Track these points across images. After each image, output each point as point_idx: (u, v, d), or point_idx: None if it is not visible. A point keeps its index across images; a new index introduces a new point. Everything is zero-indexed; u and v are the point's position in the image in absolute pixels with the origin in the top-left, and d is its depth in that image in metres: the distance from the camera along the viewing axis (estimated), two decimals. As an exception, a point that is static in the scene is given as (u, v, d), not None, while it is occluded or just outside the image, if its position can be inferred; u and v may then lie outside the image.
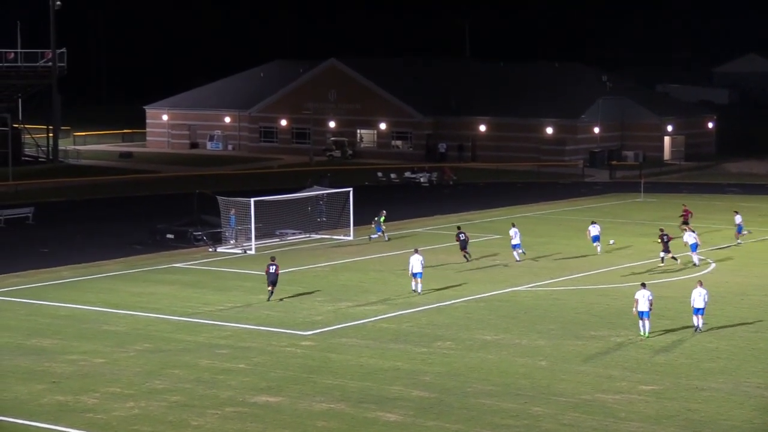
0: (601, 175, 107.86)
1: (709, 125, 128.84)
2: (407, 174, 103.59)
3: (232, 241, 64.93)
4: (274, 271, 50.12)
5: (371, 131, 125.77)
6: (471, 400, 35.21)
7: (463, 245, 59.47)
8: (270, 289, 50.26)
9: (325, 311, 47.91)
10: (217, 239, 65.23)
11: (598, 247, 62.49)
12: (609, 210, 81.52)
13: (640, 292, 43.41)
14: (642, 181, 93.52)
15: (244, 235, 64.66)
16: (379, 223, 66.48)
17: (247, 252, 62.96)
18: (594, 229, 62.69)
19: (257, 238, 63.88)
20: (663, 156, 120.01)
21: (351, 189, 69.90)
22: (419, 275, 51.40)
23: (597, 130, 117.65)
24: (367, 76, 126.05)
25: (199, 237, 65.65)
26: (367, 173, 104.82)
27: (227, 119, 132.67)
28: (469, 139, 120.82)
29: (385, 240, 65.91)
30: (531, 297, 51.22)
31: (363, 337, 43.19)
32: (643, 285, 44.02)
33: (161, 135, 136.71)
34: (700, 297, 43.84)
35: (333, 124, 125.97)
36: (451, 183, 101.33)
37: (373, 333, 43.94)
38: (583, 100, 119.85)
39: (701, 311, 44.03)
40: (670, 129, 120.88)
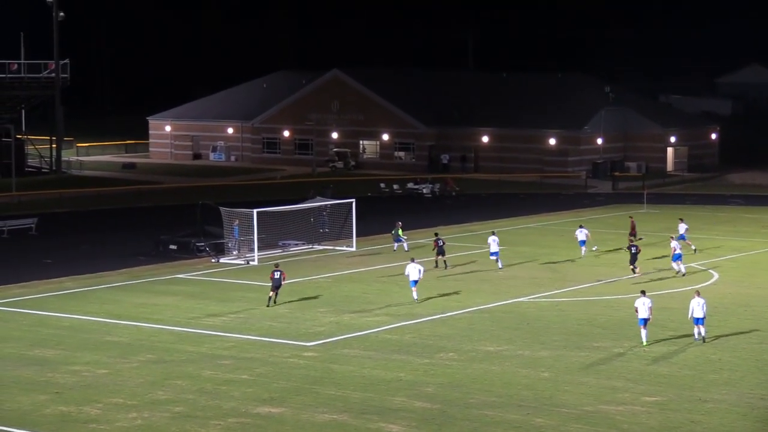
0: (604, 186, 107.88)
1: (712, 136, 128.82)
2: (410, 185, 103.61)
3: (235, 252, 64.95)
4: (279, 276, 50.80)
5: (374, 142, 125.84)
6: (473, 411, 35.18)
7: (440, 251, 60.29)
8: (271, 294, 50.82)
9: (328, 322, 47.90)
10: (220, 250, 65.26)
11: (582, 251, 64.47)
12: (612, 221, 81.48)
13: (640, 300, 43.71)
14: (645, 192, 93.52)
15: (247, 246, 64.68)
16: (397, 234, 66.44)
17: (250, 263, 62.98)
18: (581, 234, 64.73)
19: (260, 249, 63.89)
20: (666, 167, 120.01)
21: (354, 200, 69.94)
22: (414, 283, 52.11)
23: (600, 141, 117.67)
24: (369, 87, 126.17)
25: (202, 248, 65.68)
26: (370, 184, 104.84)
27: (230, 130, 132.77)
28: (472, 150, 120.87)
29: (405, 250, 65.59)
30: (534, 308, 51.20)
31: (366, 348, 43.17)
32: (643, 293, 44.29)
33: (164, 146, 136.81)
34: (699, 306, 43.88)
35: (336, 135, 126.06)
36: (453, 194, 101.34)
37: (376, 344, 43.92)
38: (586, 111, 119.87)
39: (701, 321, 44.06)
40: (673, 140, 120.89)
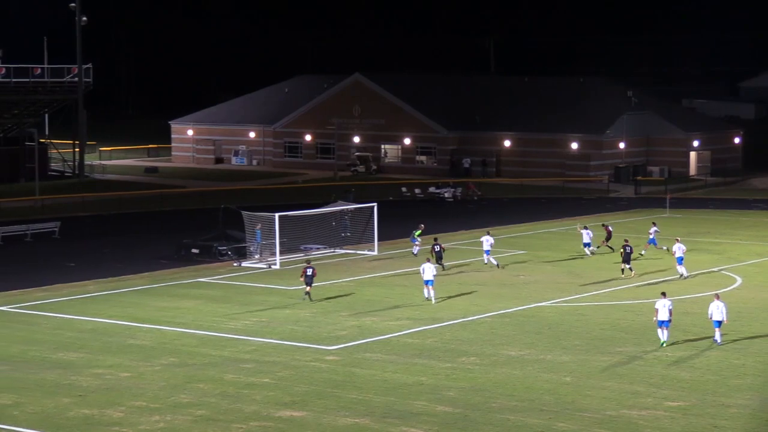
0: (627, 191, 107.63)
1: (736, 140, 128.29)
2: (431, 189, 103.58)
3: (257, 256, 65.05)
4: (311, 273, 52.70)
5: (396, 146, 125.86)
6: (495, 415, 35.14)
7: (439, 257, 60.77)
8: (308, 290, 52.82)
9: (350, 326, 47.92)
10: (242, 254, 65.38)
11: (587, 251, 65.98)
12: (634, 225, 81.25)
13: (661, 302, 43.91)
14: (668, 196, 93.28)
15: (268, 249, 64.77)
16: (413, 236, 66.40)
17: (272, 267, 63.06)
18: (586, 236, 66.12)
19: (282, 253, 63.96)
20: (689, 171, 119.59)
21: (375, 204, 69.95)
22: (431, 282, 52.75)
23: (622, 146, 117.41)
24: (391, 91, 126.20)
25: (224, 252, 65.82)
26: (392, 188, 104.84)
27: (252, 134, 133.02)
28: (494, 154, 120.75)
29: (413, 254, 65.63)
30: (556, 312, 51.12)
31: (387, 352, 43.17)
32: (663, 294, 44.47)
33: (186, 150, 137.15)
34: (718, 310, 44.05)
35: (357, 140, 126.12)
36: (475, 198, 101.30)
37: (398, 348, 43.92)
38: (609, 115, 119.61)
39: (720, 324, 44.10)
40: (696, 144, 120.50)
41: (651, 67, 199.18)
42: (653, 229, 67.82)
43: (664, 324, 43.93)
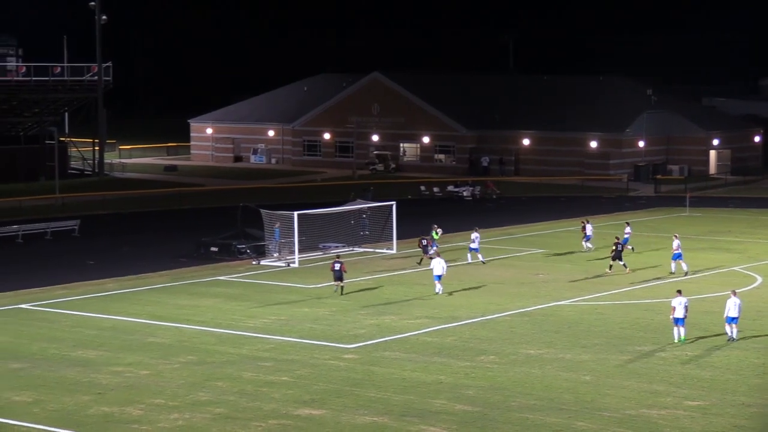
0: (646, 189, 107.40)
1: (756, 139, 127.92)
2: (450, 188, 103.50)
3: (276, 254, 65.12)
4: (339, 268, 53.80)
5: (414, 145, 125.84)
6: (514, 414, 35.10)
7: (425, 250, 61.91)
8: (336, 285, 53.92)
9: (368, 324, 47.93)
10: (261, 252, 65.45)
11: (586, 244, 67.30)
12: (654, 224, 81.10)
13: (677, 299, 44.05)
14: (687, 195, 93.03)
15: (287, 248, 64.83)
16: (432, 238, 66.34)
17: (291, 265, 63.11)
18: (588, 229, 67.56)
19: (300, 252, 64.01)
20: (709, 170, 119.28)
21: (394, 202, 69.92)
22: (437, 278, 54.33)
23: (642, 144, 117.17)
24: (410, 89, 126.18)
25: (243, 250, 65.91)
26: (410, 187, 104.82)
27: (271, 133, 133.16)
28: (513, 152, 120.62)
29: (429, 255, 65.49)
30: (575, 311, 51.04)
31: (406, 351, 43.16)
32: (679, 292, 44.61)
33: (205, 148, 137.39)
34: (735, 306, 44.13)
35: (376, 138, 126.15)
36: (494, 197, 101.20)
37: (417, 346, 43.90)
38: (628, 113, 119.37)
39: (735, 320, 44.25)
40: (716, 143, 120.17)
41: (671, 66, 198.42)
42: (627, 229, 67.72)
43: (679, 322, 44.07)
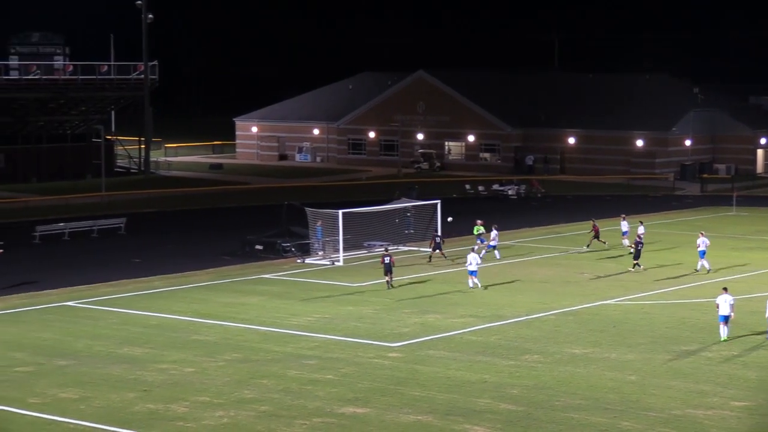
0: (692, 189, 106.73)
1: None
2: (495, 186, 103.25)
3: (321, 253, 65.20)
4: (389, 261, 54.80)
5: (459, 143, 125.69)
6: (559, 413, 34.96)
7: (437, 247, 63.12)
8: (387, 278, 54.75)
9: (413, 323, 47.89)
10: (306, 250, 65.56)
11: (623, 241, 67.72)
12: (700, 224, 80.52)
13: (722, 297, 43.97)
14: (734, 194, 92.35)
15: (332, 246, 64.90)
16: (479, 234, 66.30)
17: (335, 263, 63.17)
18: (624, 226, 68.21)
19: (345, 250, 64.06)
20: (756, 169, 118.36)
21: (438, 201, 69.85)
22: (474, 273, 54.93)
23: (688, 143, 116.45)
24: (455, 88, 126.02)
25: (288, 248, 66.03)
26: (455, 185, 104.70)
27: (316, 131, 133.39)
28: (558, 151, 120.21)
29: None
30: (620, 311, 50.78)
31: (451, 350, 43.09)
32: (725, 290, 44.36)
33: (251, 147, 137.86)
34: None
35: (421, 136, 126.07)
36: (539, 195, 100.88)
37: (461, 345, 43.83)
38: (674, 112, 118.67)
39: None
40: (763, 141, 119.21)
41: (718, 64, 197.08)
42: (641, 229, 67.15)
43: (723, 319, 43.97)
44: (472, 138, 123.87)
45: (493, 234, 65.00)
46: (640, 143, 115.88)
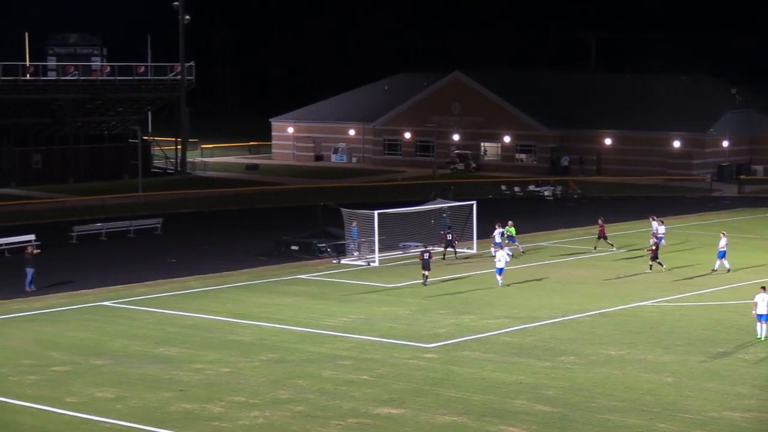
0: (730, 190, 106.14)
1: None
2: (531, 187, 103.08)
3: (356, 253, 65.24)
4: (428, 257, 55.45)
5: (495, 144, 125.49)
6: (595, 415, 34.84)
7: (449, 244, 63.80)
8: (425, 273, 55.41)
9: (448, 324, 47.85)
10: (341, 251, 65.62)
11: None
12: (737, 225, 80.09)
13: (760, 296, 43.86)
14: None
15: (367, 247, 64.93)
16: (510, 235, 66.07)
17: (371, 264, 63.19)
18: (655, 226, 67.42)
19: (380, 251, 64.07)
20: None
21: (474, 202, 69.77)
22: (501, 271, 55.38)
23: (726, 144, 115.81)
24: (490, 88, 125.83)
25: (324, 249, 66.11)
26: (491, 186, 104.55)
27: (352, 132, 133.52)
28: (594, 152, 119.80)
29: (509, 254, 65.16)
30: (657, 312, 50.56)
31: (486, 351, 43.03)
32: (764, 288, 44.31)
33: (286, 147, 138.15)
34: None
35: (457, 137, 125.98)
36: (575, 196, 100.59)
37: (497, 346, 43.75)
38: (712, 113, 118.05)
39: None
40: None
41: (756, 64, 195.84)
42: (662, 228, 67.05)
43: (762, 318, 43.96)
44: (507, 139, 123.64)
45: (497, 233, 64.89)
46: (677, 144, 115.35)
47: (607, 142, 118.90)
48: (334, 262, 64.16)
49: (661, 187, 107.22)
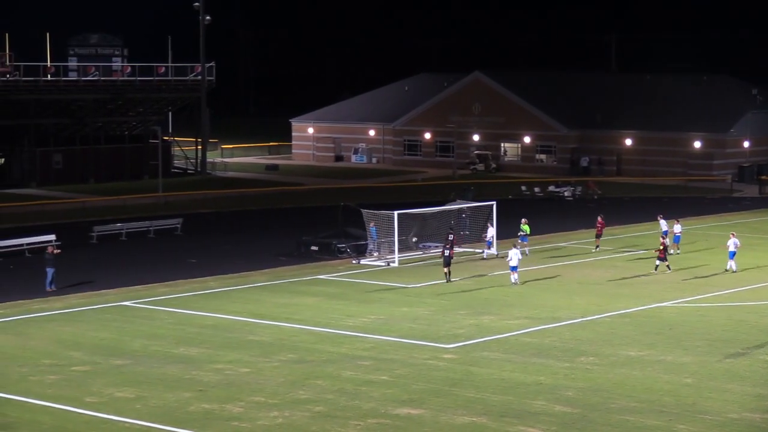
0: (750, 190, 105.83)
1: None
2: (551, 188, 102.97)
3: (376, 254, 65.27)
4: (448, 254, 56.04)
5: (515, 144, 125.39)
6: (614, 416, 34.80)
7: (452, 245, 62.48)
8: (446, 270, 56.09)
9: (468, 324, 47.84)
10: (361, 251, 65.66)
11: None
12: (758, 225, 79.87)
13: None
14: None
15: (387, 247, 64.95)
16: (525, 233, 65.98)
17: (391, 264, 63.21)
18: (663, 225, 67.95)
19: (400, 251, 64.08)
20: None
21: (494, 202, 69.71)
22: (515, 269, 55.72)
23: (746, 145, 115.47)
24: (511, 89, 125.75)
25: (343, 249, 66.17)
26: (511, 187, 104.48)
27: (372, 132, 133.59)
28: (615, 152, 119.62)
29: (525, 252, 65.11)
30: (676, 313, 50.46)
31: (505, 351, 43.01)
32: None
33: (306, 148, 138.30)
34: None
35: (477, 138, 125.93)
36: (595, 197, 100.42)
37: (516, 347, 43.73)
38: (732, 113, 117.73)
39: None
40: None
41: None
42: (678, 227, 67.48)
43: None
44: (528, 139, 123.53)
45: (490, 233, 65.20)
46: (697, 145, 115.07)
47: (628, 142, 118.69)
48: (354, 262, 64.21)
49: (681, 187, 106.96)
